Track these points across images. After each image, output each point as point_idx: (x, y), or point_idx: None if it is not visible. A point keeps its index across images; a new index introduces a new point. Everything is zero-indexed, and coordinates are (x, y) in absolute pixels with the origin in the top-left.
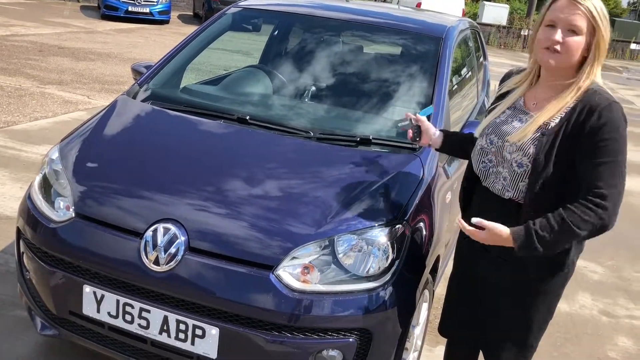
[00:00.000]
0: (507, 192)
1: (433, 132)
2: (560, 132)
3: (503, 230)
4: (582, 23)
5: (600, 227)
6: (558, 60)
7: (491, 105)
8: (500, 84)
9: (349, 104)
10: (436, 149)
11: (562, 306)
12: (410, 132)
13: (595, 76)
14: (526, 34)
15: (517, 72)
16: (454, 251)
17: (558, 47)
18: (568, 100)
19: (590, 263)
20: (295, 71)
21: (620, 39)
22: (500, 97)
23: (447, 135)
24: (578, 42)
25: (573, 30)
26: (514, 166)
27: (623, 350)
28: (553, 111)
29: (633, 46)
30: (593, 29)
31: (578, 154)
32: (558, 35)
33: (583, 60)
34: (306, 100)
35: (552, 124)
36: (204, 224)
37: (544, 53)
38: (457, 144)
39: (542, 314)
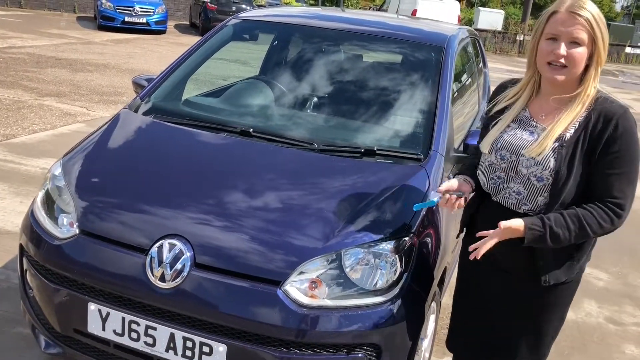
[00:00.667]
0: (524, 206)
1: (461, 183)
2: (578, 142)
3: (517, 224)
4: (583, 35)
5: (609, 232)
6: (564, 74)
7: (487, 118)
8: (493, 96)
9: (352, 114)
10: (475, 191)
11: (568, 314)
12: (453, 198)
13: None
14: (522, 39)
15: (511, 84)
16: (457, 263)
17: (563, 61)
18: (579, 109)
19: (594, 270)
20: (297, 82)
21: (615, 43)
22: (500, 111)
23: (469, 173)
24: (581, 53)
25: (575, 42)
26: (533, 180)
27: (631, 358)
28: (566, 122)
29: (628, 50)
30: (593, 38)
31: (596, 163)
32: (562, 50)
33: (585, 69)
34: (309, 111)
35: (568, 135)
36: (209, 240)
37: (548, 69)
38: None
39: (555, 323)
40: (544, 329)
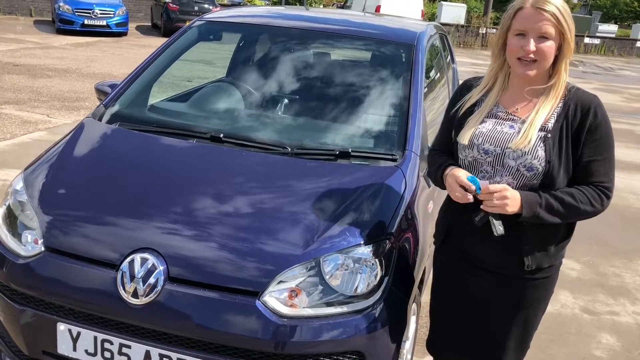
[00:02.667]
0: None
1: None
2: (562, 131)
3: (515, 193)
4: (550, 29)
5: (597, 213)
6: (535, 68)
7: (460, 116)
8: (458, 95)
9: (325, 116)
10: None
11: None
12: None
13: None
14: (484, 32)
15: (476, 82)
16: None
17: (533, 56)
18: (555, 100)
19: (567, 260)
20: (268, 84)
21: (575, 34)
22: (470, 106)
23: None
24: (550, 47)
25: (544, 37)
26: (523, 171)
27: (608, 347)
28: (545, 112)
29: (587, 40)
30: (560, 31)
31: (581, 150)
32: (532, 45)
33: (555, 60)
34: (280, 113)
35: (550, 125)
36: (183, 252)
37: (519, 65)
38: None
39: (540, 315)
40: (530, 323)
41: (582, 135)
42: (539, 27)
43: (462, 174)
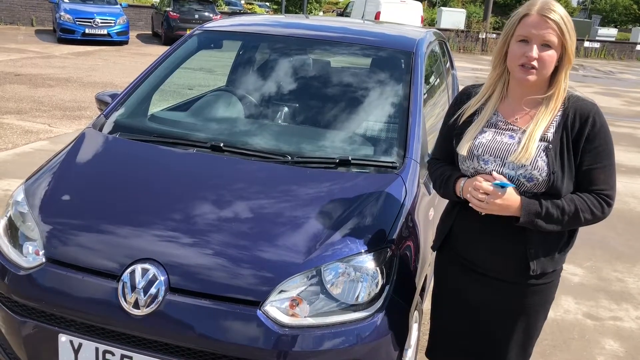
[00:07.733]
0: None
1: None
2: (562, 141)
3: (514, 197)
4: (554, 38)
5: (598, 221)
6: (536, 75)
7: (460, 124)
8: (457, 103)
9: (325, 124)
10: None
11: None
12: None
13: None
14: (484, 37)
15: (474, 90)
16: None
17: (535, 63)
18: (555, 110)
19: (569, 265)
20: (267, 93)
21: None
22: (470, 115)
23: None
24: (552, 55)
25: (547, 45)
26: (523, 181)
27: (611, 353)
28: (545, 122)
29: (587, 44)
30: (562, 42)
31: (581, 158)
32: (534, 52)
33: (554, 70)
34: (280, 122)
35: (550, 135)
36: (184, 262)
37: (520, 70)
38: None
39: (541, 322)
40: (532, 329)
41: (580, 143)
42: (542, 35)
43: (485, 184)
